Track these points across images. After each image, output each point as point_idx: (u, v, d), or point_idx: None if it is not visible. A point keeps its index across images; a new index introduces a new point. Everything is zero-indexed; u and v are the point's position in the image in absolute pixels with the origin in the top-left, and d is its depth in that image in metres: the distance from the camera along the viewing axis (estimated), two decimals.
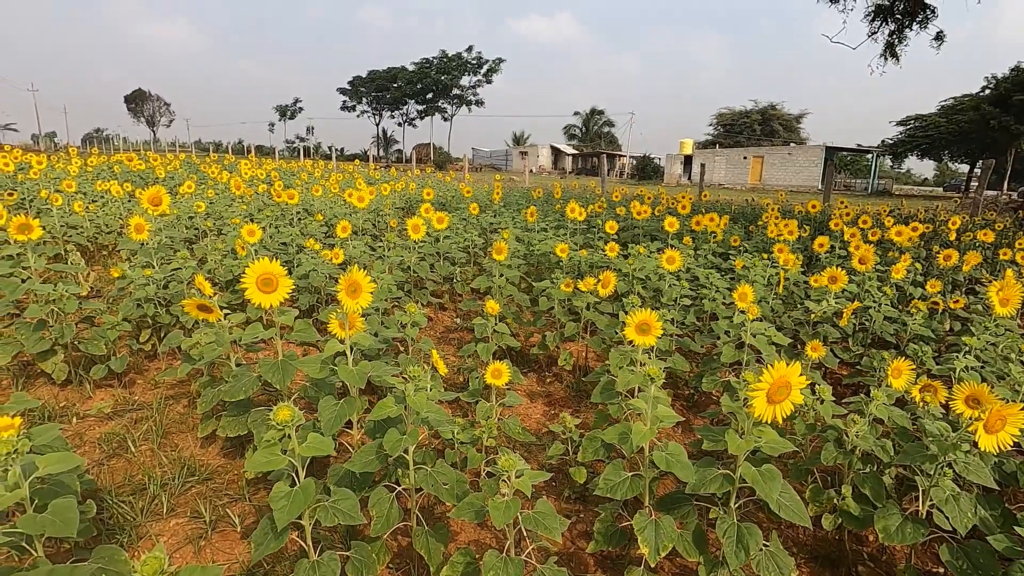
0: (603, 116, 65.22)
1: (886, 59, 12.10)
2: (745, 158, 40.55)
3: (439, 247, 4.90)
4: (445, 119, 64.19)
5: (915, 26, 11.50)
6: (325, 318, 3.14)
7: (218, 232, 6.32)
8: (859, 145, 42.04)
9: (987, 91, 32.58)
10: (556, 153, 58.92)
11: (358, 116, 67.50)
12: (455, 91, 62.23)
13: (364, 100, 66.19)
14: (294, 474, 1.45)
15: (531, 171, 22.47)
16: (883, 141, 37.81)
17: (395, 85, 62.36)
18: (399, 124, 67.73)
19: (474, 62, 60.74)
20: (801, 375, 1.51)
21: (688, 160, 44.30)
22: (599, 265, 4.78)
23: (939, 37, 11.50)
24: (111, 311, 3.38)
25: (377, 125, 68.66)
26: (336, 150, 31.50)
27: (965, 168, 39.14)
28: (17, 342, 2.90)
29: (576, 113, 66.40)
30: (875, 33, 11.73)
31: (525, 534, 1.66)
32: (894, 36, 11.79)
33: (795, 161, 37.68)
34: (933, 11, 11.27)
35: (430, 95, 62.57)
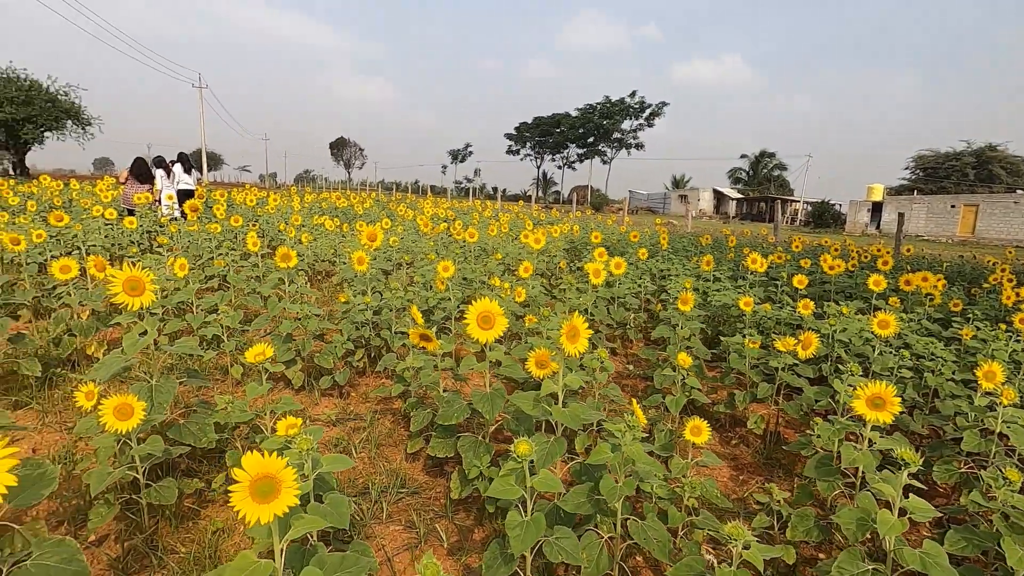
0: (774, 159, 61.17)
1: None
2: (953, 206, 34.92)
3: (614, 292, 4.94)
4: (604, 162, 65.15)
5: None
6: (519, 354, 3.33)
7: (409, 264, 7.06)
8: None
9: None
10: (719, 197, 56.31)
11: (521, 159, 71.53)
12: (616, 135, 63.07)
13: (528, 144, 69.98)
14: (521, 505, 1.55)
15: (692, 215, 21.73)
16: None
17: (558, 130, 65.07)
18: (559, 167, 70.27)
19: (636, 106, 61.21)
20: None
21: (877, 207, 39.39)
22: (786, 322, 4.43)
23: None
24: (335, 331, 3.94)
25: (538, 168, 71.96)
26: (500, 191, 33.64)
27: None
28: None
29: (743, 156, 63.22)
30: None
31: None
32: None
33: (1023, 211, 31.54)
34: None
35: (591, 139, 64.13)
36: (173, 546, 2.04)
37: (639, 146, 63.52)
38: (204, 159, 39.11)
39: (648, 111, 61.58)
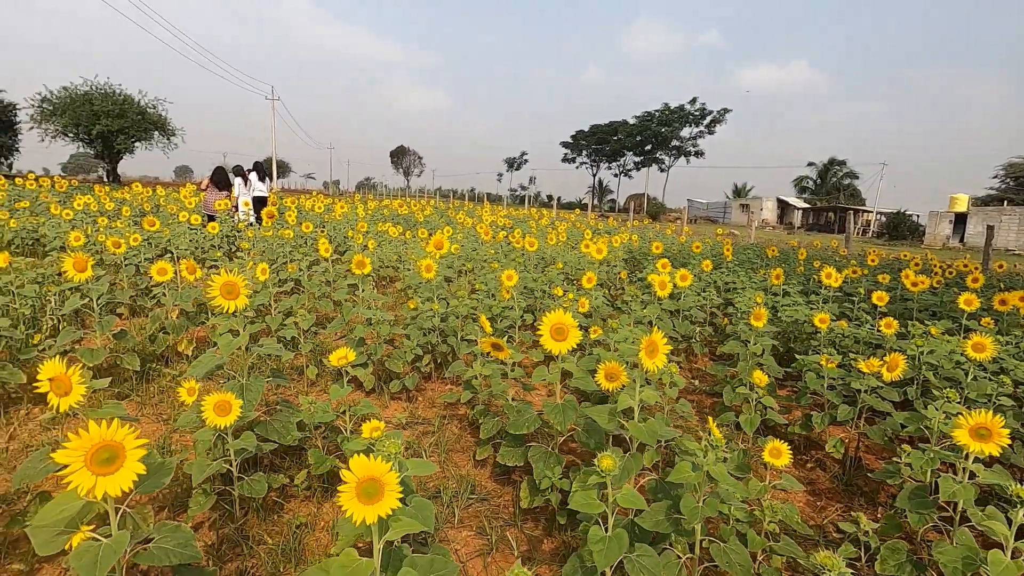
0: (844, 167, 58.26)
1: None
2: None
3: (678, 304, 4.85)
4: (662, 170, 64.02)
5: None
6: (586, 365, 3.31)
7: (470, 271, 7.17)
8: None
9: None
10: (783, 206, 54.12)
11: (577, 167, 71.29)
12: (674, 142, 61.89)
13: (584, 152, 69.70)
14: (601, 520, 1.55)
15: (755, 225, 21.00)
16: None
17: (615, 138, 64.47)
18: (615, 175, 69.59)
19: (697, 113, 59.87)
20: None
21: (960, 218, 36.76)
22: (865, 341, 4.21)
23: None
24: (402, 336, 4.05)
25: (594, 176, 71.52)
26: (555, 199, 33.64)
27: None
28: None
29: (810, 164, 60.54)
30: None
31: None
32: None
33: None
34: None
35: (649, 147, 63.20)
36: (261, 537, 2.15)
37: (699, 154, 62.05)
38: (275, 167, 41.22)
39: (709, 118, 60.13)
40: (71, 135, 32.42)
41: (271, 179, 12.35)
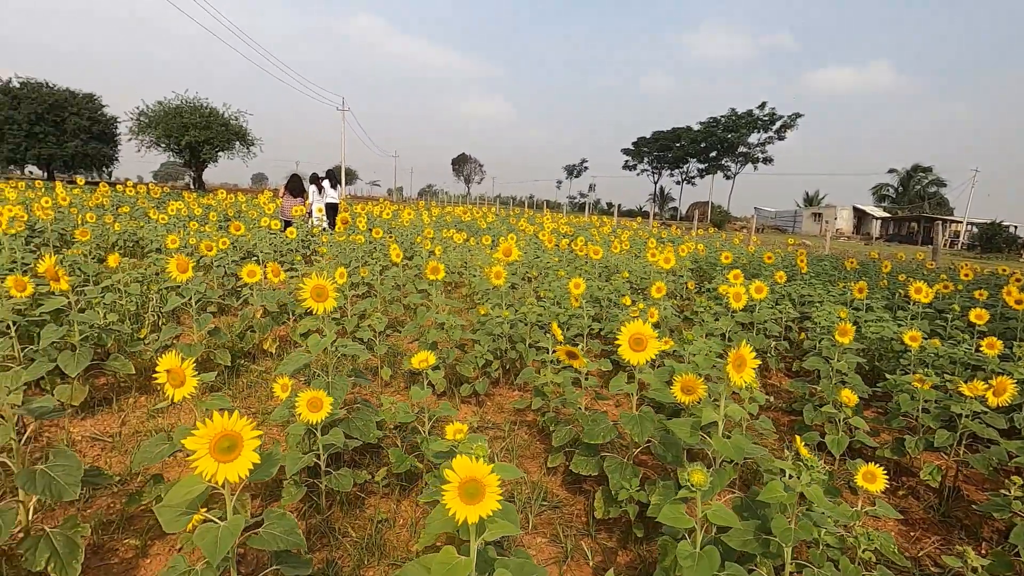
0: (929, 174, 54.41)
1: None
2: None
3: (753, 317, 4.68)
4: (727, 177, 61.97)
5: None
6: (660, 376, 3.26)
7: (534, 278, 7.21)
8: None
9: None
10: (859, 215, 51.14)
11: (638, 174, 70.19)
12: (741, 149, 59.81)
13: (645, 159, 68.54)
14: (688, 535, 1.52)
15: (829, 235, 19.97)
16: None
17: (678, 144, 63.04)
18: (677, 182, 68.00)
19: (766, 118, 57.61)
20: None
21: None
22: (963, 362, 3.91)
23: None
24: (471, 340, 4.13)
25: (655, 183, 70.19)
26: (616, 206, 33.34)
27: None
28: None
29: (891, 171, 56.94)
30: None
31: None
32: None
33: None
34: None
35: (713, 153, 61.39)
36: (345, 530, 2.25)
37: (767, 160, 59.64)
38: (343, 175, 43.05)
39: (779, 123, 57.72)
40: (163, 145, 35.19)
41: (341, 186, 12.90)
